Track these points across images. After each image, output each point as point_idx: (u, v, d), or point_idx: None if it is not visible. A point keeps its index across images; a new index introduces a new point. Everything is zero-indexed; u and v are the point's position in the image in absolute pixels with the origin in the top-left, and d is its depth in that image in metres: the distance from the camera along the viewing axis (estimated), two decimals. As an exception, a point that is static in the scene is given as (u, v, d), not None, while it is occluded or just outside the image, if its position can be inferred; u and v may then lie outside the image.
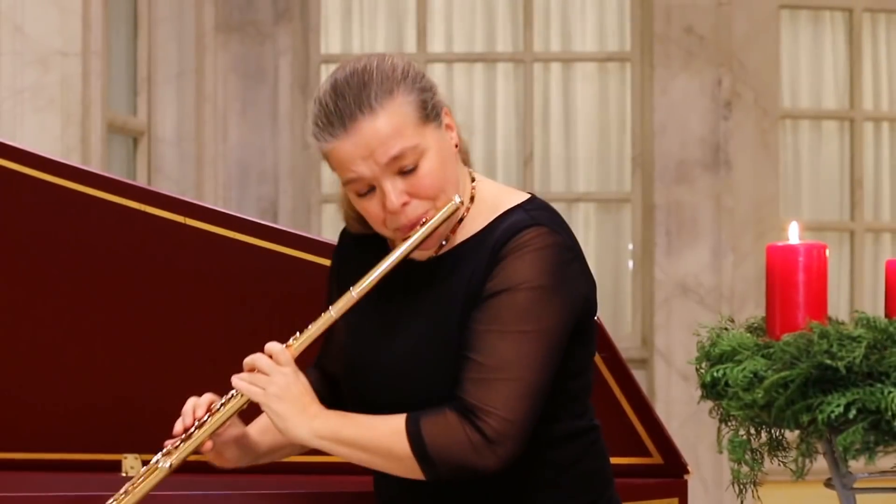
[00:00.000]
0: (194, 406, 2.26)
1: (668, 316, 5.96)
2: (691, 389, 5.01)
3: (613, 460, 2.59)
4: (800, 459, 2.52)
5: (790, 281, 2.54)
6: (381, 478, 2.31)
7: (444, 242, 2.25)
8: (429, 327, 2.20)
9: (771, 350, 2.49)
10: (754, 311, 5.55)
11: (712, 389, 2.59)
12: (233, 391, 2.21)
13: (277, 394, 2.16)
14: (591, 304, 2.27)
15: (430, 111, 2.20)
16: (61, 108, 4.83)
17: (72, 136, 4.84)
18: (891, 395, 2.35)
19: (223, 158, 5.92)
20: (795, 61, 6.28)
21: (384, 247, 2.30)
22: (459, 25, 6.27)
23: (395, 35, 6.25)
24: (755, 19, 6.14)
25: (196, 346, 2.87)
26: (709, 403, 2.65)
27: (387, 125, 2.15)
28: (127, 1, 5.60)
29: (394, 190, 2.16)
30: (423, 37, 6.21)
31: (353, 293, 2.20)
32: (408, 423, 2.13)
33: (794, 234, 2.58)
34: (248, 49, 5.96)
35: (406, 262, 2.24)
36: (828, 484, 2.63)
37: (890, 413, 2.36)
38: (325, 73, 6.21)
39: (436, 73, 6.07)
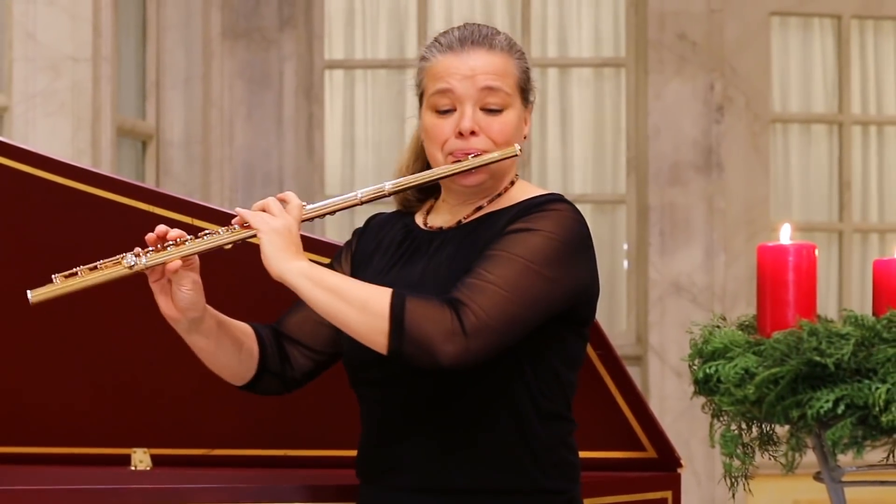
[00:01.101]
0: (169, 231, 2.23)
1: (662, 314, 5.96)
2: (684, 385, 5.01)
3: (609, 454, 2.60)
4: (790, 453, 2.51)
5: (780, 280, 2.54)
6: (365, 449, 2.30)
7: (480, 206, 2.31)
8: (449, 279, 2.21)
9: (762, 347, 2.48)
10: (746, 309, 5.56)
11: (705, 385, 2.58)
12: (226, 227, 2.21)
13: (277, 229, 2.16)
14: (591, 299, 2.30)
15: (527, 88, 2.33)
16: (72, 112, 4.83)
17: (82, 139, 4.84)
18: (878, 391, 2.35)
19: (229, 161, 5.91)
20: (785, 66, 6.28)
21: (411, 226, 2.37)
22: (459, 32, 6.27)
23: (396, 41, 6.24)
24: (746, 26, 6.14)
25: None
26: (701, 399, 2.65)
27: (498, 63, 2.28)
28: (136, 8, 5.60)
29: (472, 116, 2.25)
30: (424, 43, 6.19)
31: (386, 186, 2.28)
32: (394, 291, 2.13)
33: (785, 236, 2.58)
34: (253, 55, 5.96)
35: (434, 230, 2.31)
36: (817, 477, 2.63)
37: (877, 408, 2.36)
38: (329, 78, 6.21)
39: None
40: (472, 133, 2.25)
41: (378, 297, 2.11)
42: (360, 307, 2.11)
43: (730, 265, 6.01)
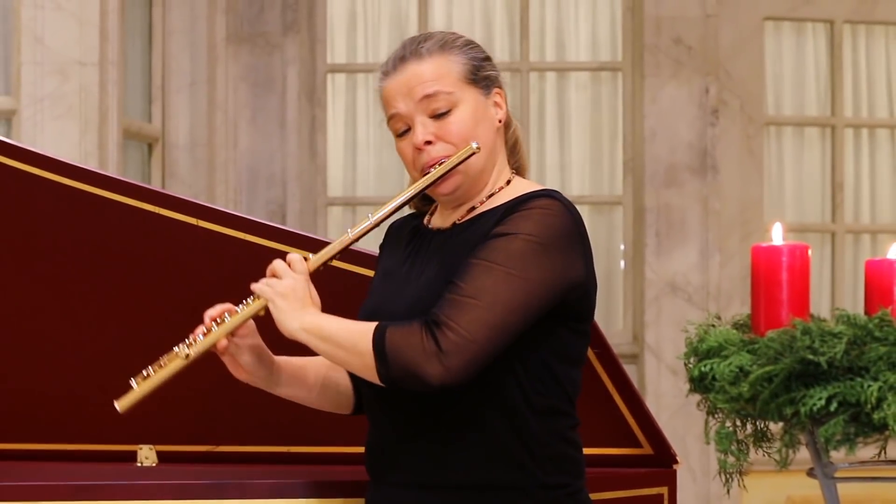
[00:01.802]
0: (218, 310, 2.33)
1: (658, 313, 5.96)
2: (680, 383, 5.01)
3: (606, 451, 2.59)
4: (783, 450, 2.52)
5: (774, 280, 2.55)
6: (369, 448, 2.34)
7: (474, 207, 2.32)
8: (438, 275, 2.25)
9: (756, 346, 2.49)
10: (740, 308, 5.56)
11: (700, 383, 2.59)
12: (251, 297, 2.29)
13: (282, 292, 2.24)
14: (584, 293, 2.28)
15: (478, 77, 2.32)
16: (80, 115, 4.84)
17: (90, 142, 4.84)
18: (870, 388, 2.35)
19: (234, 163, 5.91)
20: (779, 70, 6.28)
21: (419, 226, 2.40)
22: (459, 36, 6.27)
23: (397, 45, 6.24)
24: (741, 31, 6.14)
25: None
26: (697, 397, 2.65)
27: (428, 69, 2.30)
28: (142, 13, 5.60)
29: (422, 127, 2.29)
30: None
31: (371, 217, 2.31)
32: (377, 326, 2.19)
33: (777, 235, 2.58)
34: (257, 59, 5.96)
35: (434, 231, 2.35)
36: (810, 473, 2.63)
37: (869, 406, 2.36)
38: (331, 82, 6.21)
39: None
40: (429, 143, 2.28)
41: (363, 336, 2.19)
42: (351, 349, 2.20)
43: (724, 265, 6.01)
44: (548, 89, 6.22)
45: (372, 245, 2.59)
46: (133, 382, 2.32)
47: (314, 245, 2.88)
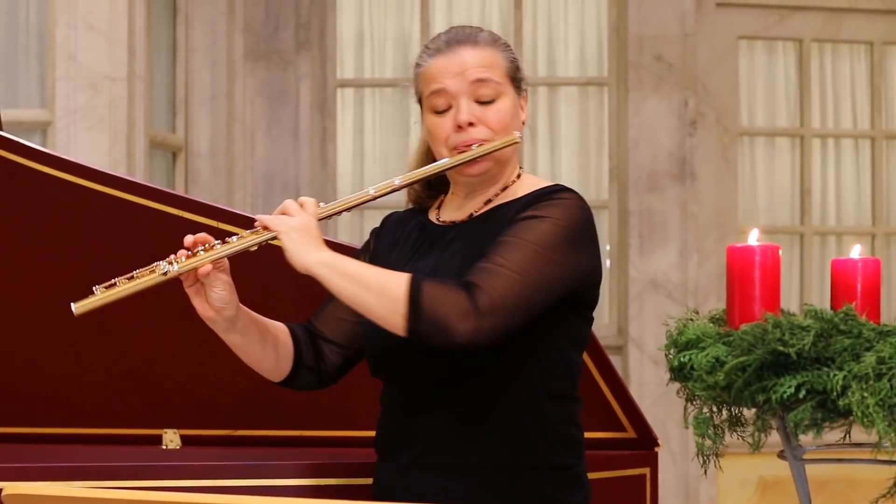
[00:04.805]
0: (197, 236, 2.18)
1: (641, 308, 5.96)
2: (661, 373, 5.01)
3: (593, 434, 2.58)
4: (756, 434, 2.52)
5: (748, 278, 2.55)
6: (383, 426, 2.27)
7: (489, 200, 2.26)
8: (465, 261, 2.16)
9: (731, 338, 2.49)
10: (716, 304, 5.56)
11: (679, 373, 2.59)
12: (249, 230, 2.15)
13: (296, 227, 2.11)
14: (595, 283, 2.23)
15: (517, 77, 2.27)
16: (109, 126, 4.84)
17: (118, 151, 4.84)
18: (835, 377, 2.35)
19: (251, 171, 5.91)
20: (752, 85, 6.28)
21: (425, 222, 2.31)
22: (458, 54, 6.26)
23: (401, 62, 6.24)
24: (717, 49, 6.14)
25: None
26: (676, 385, 2.65)
27: (484, 56, 2.22)
28: (167, 32, 5.60)
29: (468, 108, 2.20)
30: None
31: (396, 181, 2.20)
32: (412, 276, 2.07)
33: (753, 239, 2.58)
34: (272, 75, 5.96)
35: (447, 224, 2.26)
36: (781, 455, 2.63)
37: (835, 393, 2.36)
38: (341, 96, 6.21)
39: (437, 96, 6.04)
40: (471, 124, 2.20)
41: (396, 282, 2.06)
42: (379, 292, 2.05)
43: (702, 264, 6.01)
44: (539, 102, 6.22)
45: (352, 234, 2.57)
46: (96, 289, 2.14)
47: (329, 247, 2.89)
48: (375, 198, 2.19)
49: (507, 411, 2.16)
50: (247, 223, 2.94)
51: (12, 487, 1.75)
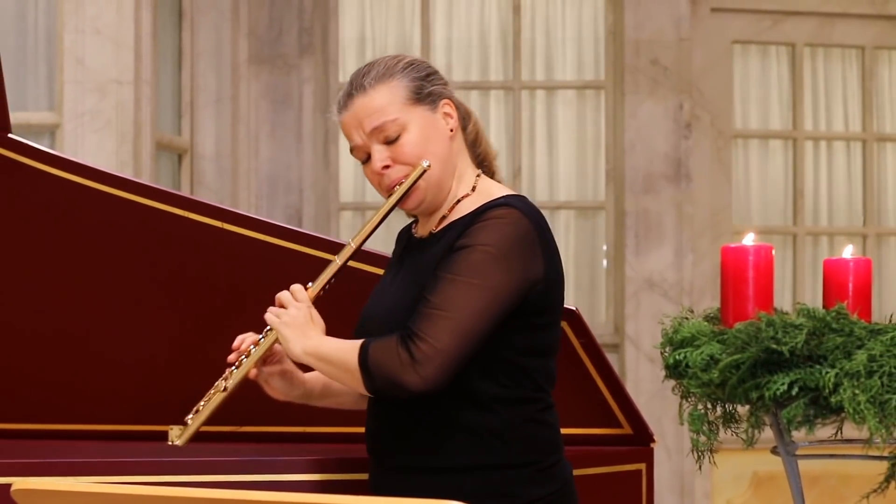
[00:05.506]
0: (242, 340, 2.35)
1: (637, 307, 5.96)
2: (657, 370, 5.01)
3: (590, 430, 2.58)
4: (750, 430, 2.52)
5: (741, 277, 2.55)
6: (369, 429, 2.34)
7: (444, 216, 2.30)
8: (413, 284, 2.25)
9: (725, 336, 2.49)
10: (711, 303, 5.56)
11: (675, 370, 2.59)
12: (268, 327, 2.30)
13: (287, 321, 2.25)
14: (545, 289, 2.23)
15: (423, 95, 2.28)
16: (116, 129, 4.84)
17: (125, 153, 4.84)
18: (828, 374, 2.36)
19: (255, 172, 5.91)
20: (746, 89, 6.28)
21: (409, 235, 2.40)
22: (457, 57, 6.26)
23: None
24: (711, 53, 6.14)
25: (231, 332, 2.87)
26: (672, 382, 2.65)
27: (372, 101, 2.26)
28: (173, 37, 5.60)
29: (378, 155, 2.27)
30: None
31: (351, 242, 2.31)
32: (362, 343, 2.19)
33: (748, 240, 2.59)
34: (276, 78, 5.96)
35: (416, 240, 2.34)
36: (774, 451, 2.63)
37: (827, 390, 2.36)
38: (343, 98, 6.20)
39: (437, 99, 6.03)
40: (386, 167, 2.27)
41: (351, 354, 2.19)
42: (343, 366, 2.20)
43: (697, 264, 6.01)
44: (538, 106, 6.22)
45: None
46: (188, 419, 2.37)
47: (327, 245, 2.90)
48: (344, 264, 2.31)
49: (464, 420, 2.22)
50: (251, 224, 2.96)
51: (21, 482, 1.76)
